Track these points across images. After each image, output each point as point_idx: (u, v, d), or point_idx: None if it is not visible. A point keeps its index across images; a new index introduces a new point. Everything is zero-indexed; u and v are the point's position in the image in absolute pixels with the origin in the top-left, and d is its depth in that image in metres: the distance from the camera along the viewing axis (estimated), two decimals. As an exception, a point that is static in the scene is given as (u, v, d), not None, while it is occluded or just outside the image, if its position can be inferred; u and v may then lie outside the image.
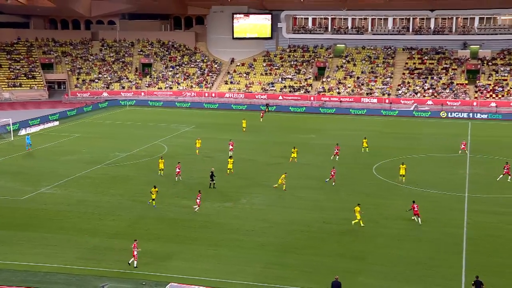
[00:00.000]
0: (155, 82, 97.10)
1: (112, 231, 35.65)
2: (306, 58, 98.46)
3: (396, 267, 30.77)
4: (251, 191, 43.76)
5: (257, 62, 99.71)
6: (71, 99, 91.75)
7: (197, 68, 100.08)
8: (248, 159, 53.68)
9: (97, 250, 32.68)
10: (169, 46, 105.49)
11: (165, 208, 39.87)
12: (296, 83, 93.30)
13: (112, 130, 69.02)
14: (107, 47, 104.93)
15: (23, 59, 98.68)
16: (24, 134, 64.82)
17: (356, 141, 62.48)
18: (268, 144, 60.88)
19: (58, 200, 41.53)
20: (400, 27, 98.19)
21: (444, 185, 45.69)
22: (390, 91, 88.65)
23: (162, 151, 57.07)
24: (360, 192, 43.67)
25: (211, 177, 44.54)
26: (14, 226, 36.27)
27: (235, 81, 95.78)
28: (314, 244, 33.79)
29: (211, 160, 52.91)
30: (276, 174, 48.63)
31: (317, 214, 38.72)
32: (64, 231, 35.46)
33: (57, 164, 52.15)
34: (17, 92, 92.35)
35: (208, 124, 73.03)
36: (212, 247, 33.25)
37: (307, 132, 67.99)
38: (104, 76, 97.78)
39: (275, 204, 40.92)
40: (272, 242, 33.98)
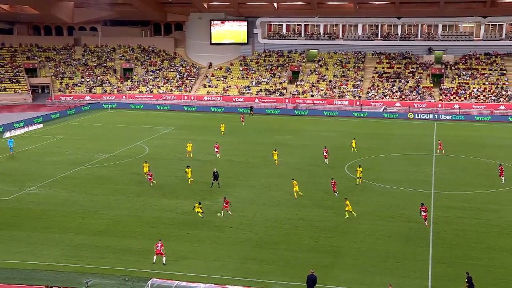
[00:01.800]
0: (136, 86, 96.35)
1: (95, 229, 35.26)
2: (281, 63, 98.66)
3: (368, 261, 30.98)
4: (231, 190, 43.64)
5: (234, 67, 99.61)
6: (55, 102, 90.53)
7: (176, 72, 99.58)
8: (228, 160, 53.56)
9: (80, 248, 32.29)
10: (149, 51, 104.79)
11: (146, 207, 39.54)
12: (271, 87, 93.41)
13: (95, 132, 68.27)
14: (90, 52, 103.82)
15: (7, 64, 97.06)
16: (7, 137, 63.74)
17: (329, 142, 62.85)
18: (246, 145, 60.83)
19: (42, 200, 40.93)
20: (369, 33, 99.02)
21: (412, 182, 46.17)
22: (361, 94, 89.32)
23: (143, 152, 56.64)
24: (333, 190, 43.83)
25: (214, 177, 44.17)
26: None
27: (213, 84, 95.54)
28: (290, 240, 33.86)
29: (187, 161, 52.63)
30: (254, 173, 48.68)
31: (293, 211, 38.80)
32: (49, 230, 34.97)
33: (42, 165, 51.40)
34: (1, 96, 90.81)
35: (187, 126, 72.68)
36: (193, 243, 33.11)
37: (284, 133, 68.10)
38: (86, 80, 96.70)
39: (253, 202, 40.89)
40: (250, 238, 33.96)
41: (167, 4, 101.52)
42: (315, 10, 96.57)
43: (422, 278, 29.01)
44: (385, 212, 38.58)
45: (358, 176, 45.21)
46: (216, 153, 53.90)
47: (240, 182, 46.15)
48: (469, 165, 52.34)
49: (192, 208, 37.47)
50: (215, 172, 44.36)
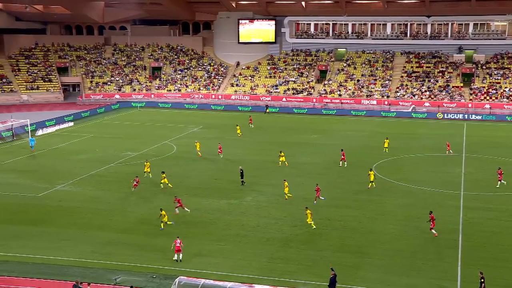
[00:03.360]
0: (164, 85, 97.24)
1: (123, 226, 35.77)
2: (308, 62, 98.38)
3: (394, 262, 30.75)
4: (257, 189, 43.77)
5: (261, 66, 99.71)
6: (85, 101, 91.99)
7: (204, 71, 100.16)
8: (254, 159, 53.68)
9: (109, 245, 32.80)
10: (178, 50, 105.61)
11: (173, 206, 39.91)
12: (299, 86, 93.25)
13: (124, 131, 69.16)
14: (119, 52, 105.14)
15: (40, 63, 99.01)
16: (39, 135, 65.13)
17: (357, 141, 62.57)
18: (273, 144, 60.83)
19: (72, 197, 41.69)
20: (398, 32, 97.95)
21: (440, 183, 45.59)
22: (389, 93, 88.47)
23: (171, 150, 57.16)
24: (360, 190, 43.59)
25: (241, 175, 44.51)
26: (31, 222, 36.46)
27: (240, 83, 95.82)
28: (316, 240, 33.81)
29: (213, 160, 52.95)
30: (280, 172, 48.70)
31: (320, 211, 38.67)
32: (79, 227, 35.61)
33: (72, 163, 52.33)
34: (34, 95, 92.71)
35: (215, 125, 73.06)
36: (219, 242, 33.32)
37: (311, 133, 67.94)
38: (116, 79, 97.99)
39: (279, 201, 40.94)
40: (276, 238, 34.01)
41: (195, 3, 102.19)
42: (344, 9, 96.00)
43: (451, 280, 28.67)
44: (412, 213, 38.19)
45: (371, 179, 44.15)
46: (219, 153, 53.85)
47: (266, 181, 46.21)
48: (500, 166, 51.38)
49: (159, 216, 35.92)
50: (241, 170, 44.57)
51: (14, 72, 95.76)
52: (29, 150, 56.86)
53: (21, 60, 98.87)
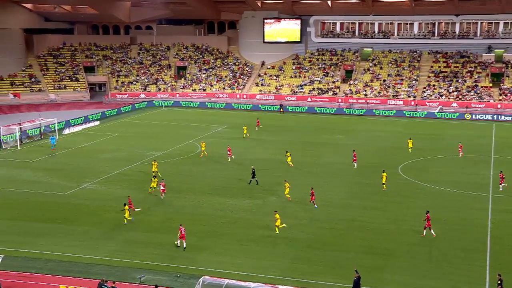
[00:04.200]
0: (189, 84, 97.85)
1: (148, 225, 36.12)
2: (334, 62, 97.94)
3: (420, 264, 30.46)
4: (280, 189, 43.76)
5: (286, 65, 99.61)
6: (111, 100, 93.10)
7: (229, 71, 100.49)
8: (278, 159, 53.67)
9: (134, 244, 33.17)
10: (203, 50, 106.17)
11: (198, 205, 40.20)
12: (324, 86, 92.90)
13: (149, 130, 69.82)
14: (145, 51, 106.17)
15: (67, 62, 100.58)
16: (67, 134, 66.20)
17: (382, 142, 62.14)
18: (296, 144, 60.76)
19: (98, 196, 42.27)
20: (425, 32, 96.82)
21: (468, 185, 44.97)
22: (416, 94, 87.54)
23: (196, 150, 57.51)
24: (386, 191, 43.26)
25: (253, 175, 44.73)
26: (58, 220, 37.09)
27: (265, 83, 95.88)
28: (340, 241, 33.69)
29: (236, 161, 53.08)
30: (303, 173, 48.66)
31: (345, 212, 38.56)
32: (104, 225, 36.09)
33: (98, 161, 53.05)
34: (61, 94, 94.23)
35: (240, 125, 73.11)
36: (242, 242, 33.43)
37: (335, 133, 67.66)
38: (141, 79, 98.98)
39: (303, 202, 40.87)
40: (299, 238, 33.99)
41: (221, 2, 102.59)
42: (370, 8, 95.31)
43: (479, 284, 28.28)
44: (439, 215, 37.75)
45: (383, 182, 43.57)
46: (229, 155, 52.65)
47: (290, 182, 46.09)
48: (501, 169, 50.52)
49: (122, 210, 36.73)
50: (253, 170, 44.85)
51: (43, 72, 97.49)
52: (58, 149, 57.75)
53: (49, 60, 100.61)
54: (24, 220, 36.93)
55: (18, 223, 36.42)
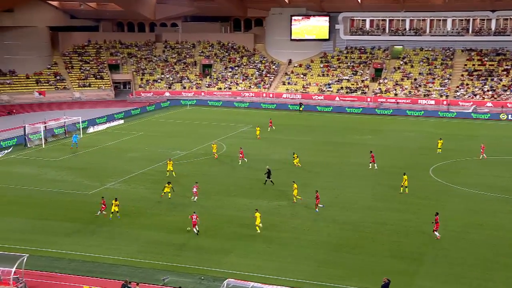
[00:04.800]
0: (215, 83, 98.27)
1: (172, 226, 36.39)
2: (363, 60, 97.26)
3: (453, 270, 30.04)
4: (307, 191, 43.65)
5: (314, 63, 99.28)
6: (135, 98, 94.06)
7: (255, 69, 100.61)
8: (305, 160, 53.54)
9: (157, 245, 33.46)
10: (228, 48, 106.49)
11: (222, 206, 40.35)
12: (353, 84, 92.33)
13: (173, 129, 70.33)
14: (170, 49, 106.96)
15: (92, 60, 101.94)
16: (91, 132, 67.12)
17: (413, 143, 61.51)
18: (324, 144, 60.53)
19: (122, 196, 42.62)
20: (459, 28, 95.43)
21: (503, 188, 44.19)
22: (448, 93, 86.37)
23: (221, 150, 57.73)
24: (416, 194, 42.82)
25: (267, 175, 44.75)
26: (81, 219, 37.62)
27: (292, 82, 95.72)
28: (369, 244, 33.45)
29: (263, 161, 53.12)
30: (332, 174, 48.45)
31: (373, 215, 38.26)
32: (127, 226, 36.48)
33: (122, 161, 53.65)
34: (86, 92, 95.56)
35: (265, 124, 73.13)
36: (267, 244, 33.44)
37: (364, 133, 67.20)
38: (166, 77, 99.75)
39: (331, 204, 40.69)
40: (325, 241, 33.86)
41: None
42: (401, 4, 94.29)
43: (513, 292, 27.82)
44: (472, 219, 37.22)
45: (404, 185, 42.97)
46: (240, 158, 51.77)
47: (317, 183, 46.02)
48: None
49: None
50: (268, 170, 44.94)
51: (68, 70, 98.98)
52: (82, 148, 58.58)
53: (74, 58, 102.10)
54: (48, 220, 37.55)
55: (42, 223, 37.06)
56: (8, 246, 32.39)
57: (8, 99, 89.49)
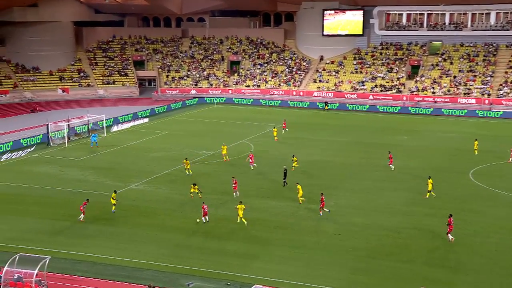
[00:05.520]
0: (243, 80, 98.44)
1: (197, 229, 36.54)
2: (399, 56, 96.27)
3: (496, 280, 29.47)
4: (338, 193, 43.40)
5: (347, 60, 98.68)
6: (161, 96, 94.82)
7: (285, 66, 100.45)
8: (337, 161, 53.22)
9: (182, 248, 33.63)
10: (257, 44, 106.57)
11: (248, 209, 40.36)
12: (387, 82, 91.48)
13: (200, 128, 70.67)
14: (197, 44, 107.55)
15: (117, 56, 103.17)
16: (114, 131, 67.85)
17: (451, 144, 60.68)
18: (357, 145, 60.09)
19: (146, 197, 43.11)
20: (503, 22, 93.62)
21: (549, 193, 43.27)
22: (491, 91, 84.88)
23: (248, 150, 57.76)
24: (456, 198, 42.19)
25: (284, 176, 45.08)
26: (104, 221, 38.08)
27: (324, 79, 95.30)
28: (404, 251, 33.08)
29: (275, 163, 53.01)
30: (364, 176, 48.05)
31: (409, 220, 37.82)
32: (152, 228, 36.77)
33: (146, 161, 54.12)
34: (110, 89, 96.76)
35: (296, 124, 73.01)
36: (296, 249, 33.32)
37: (400, 134, 66.51)
38: (193, 74, 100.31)
39: (363, 207, 40.39)
40: (359, 247, 33.58)
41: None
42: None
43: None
44: (516, 227, 36.52)
45: (429, 189, 42.23)
46: (251, 163, 50.69)
47: (349, 185, 45.72)
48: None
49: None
50: (285, 170, 45.15)
51: (92, 66, 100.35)
52: (105, 147, 59.29)
53: (99, 54, 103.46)
54: (70, 221, 38.06)
55: (64, 224, 37.60)
56: (30, 248, 32.98)
57: (31, 96, 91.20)
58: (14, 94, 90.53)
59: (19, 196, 43.61)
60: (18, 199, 42.79)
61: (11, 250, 32.23)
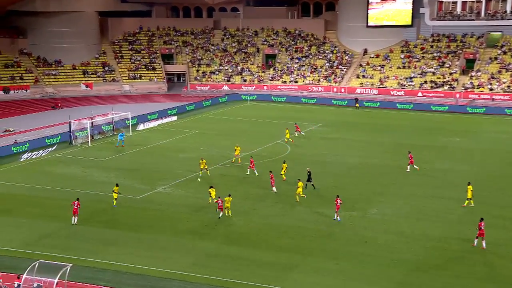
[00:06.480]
0: (279, 75, 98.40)
1: (229, 237, 36.57)
2: (452, 49, 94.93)
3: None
4: (383, 200, 42.94)
5: (394, 54, 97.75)
6: (190, 92, 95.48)
7: (325, 60, 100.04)
8: (379, 164, 52.69)
9: (212, 257, 33.66)
10: (295, 35, 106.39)
11: (284, 215, 40.22)
12: (439, 78, 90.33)
13: (232, 127, 70.84)
14: (230, 36, 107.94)
15: (144, 49, 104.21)
16: (141, 129, 68.52)
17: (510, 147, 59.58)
18: (403, 147, 59.35)
19: (174, 201, 43.35)
20: None
21: None
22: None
23: (285, 151, 57.62)
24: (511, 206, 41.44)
25: (308, 178, 45.14)
26: (128, 226, 38.40)
27: (367, 74, 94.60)
28: (457, 265, 32.56)
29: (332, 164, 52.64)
30: (412, 181, 47.48)
31: (462, 230, 37.19)
32: (179, 235, 36.93)
33: (175, 162, 54.48)
34: (136, 84, 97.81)
35: (337, 123, 72.64)
36: (336, 260, 33.08)
37: (451, 135, 65.56)
38: (225, 68, 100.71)
39: (410, 215, 39.91)
40: (406, 259, 33.16)
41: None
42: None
43: None
44: None
45: (469, 196, 41.42)
46: (250, 167, 50.32)
47: (395, 190, 45.24)
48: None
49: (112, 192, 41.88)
50: (309, 172, 45.09)
51: (117, 60, 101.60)
52: (131, 146, 59.90)
53: (124, 46, 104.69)
54: (93, 226, 38.53)
55: (86, 229, 38.05)
56: (50, 254, 33.44)
57: (53, 92, 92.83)
58: (35, 89, 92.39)
59: (39, 198, 44.37)
60: (38, 202, 43.53)
61: (30, 257, 32.76)
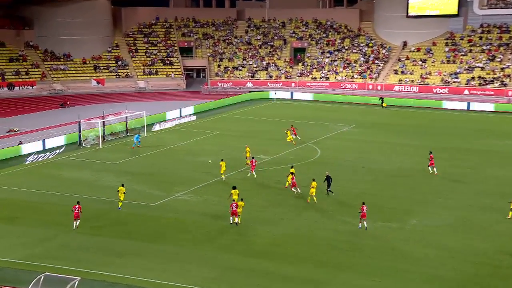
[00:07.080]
0: (308, 71, 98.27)
1: (253, 249, 36.54)
2: (504, 41, 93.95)
3: None
4: (425, 210, 42.60)
5: (437, 47, 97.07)
6: (211, 89, 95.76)
7: (360, 54, 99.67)
8: (419, 169, 52.31)
9: (235, 271, 33.66)
10: (327, 27, 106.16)
11: (316, 226, 40.12)
12: (488, 74, 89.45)
13: (256, 128, 70.87)
14: (254, 28, 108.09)
15: (160, 42, 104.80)
16: (156, 130, 68.86)
17: None
18: (447, 151, 58.90)
19: (192, 209, 43.46)
20: None
21: None
22: None
23: (314, 155, 57.48)
24: None
25: (327, 183, 45.53)
26: (142, 236, 38.56)
27: (407, 70, 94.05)
28: (504, 283, 32.18)
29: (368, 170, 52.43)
30: (458, 190, 47.09)
31: (508, 244, 36.75)
32: (199, 246, 36.98)
33: (193, 166, 54.65)
34: (152, 81, 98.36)
35: (372, 124, 72.29)
36: (373, 276, 32.88)
37: (502, 137, 64.89)
38: (249, 63, 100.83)
39: (455, 228, 39.56)
40: (450, 276, 32.88)
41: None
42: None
43: None
44: None
45: None
46: (252, 168, 51.07)
47: (439, 200, 44.88)
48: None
49: None
50: (327, 176, 45.53)
51: (131, 53, 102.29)
52: (146, 149, 60.25)
53: (139, 39, 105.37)
54: (104, 235, 38.76)
55: (97, 239, 38.29)
56: (56, 266, 33.69)
57: (62, 89, 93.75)
58: (42, 85, 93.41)
59: (45, 204, 44.76)
60: (44, 208, 43.90)
61: (35, 269, 33.01)
